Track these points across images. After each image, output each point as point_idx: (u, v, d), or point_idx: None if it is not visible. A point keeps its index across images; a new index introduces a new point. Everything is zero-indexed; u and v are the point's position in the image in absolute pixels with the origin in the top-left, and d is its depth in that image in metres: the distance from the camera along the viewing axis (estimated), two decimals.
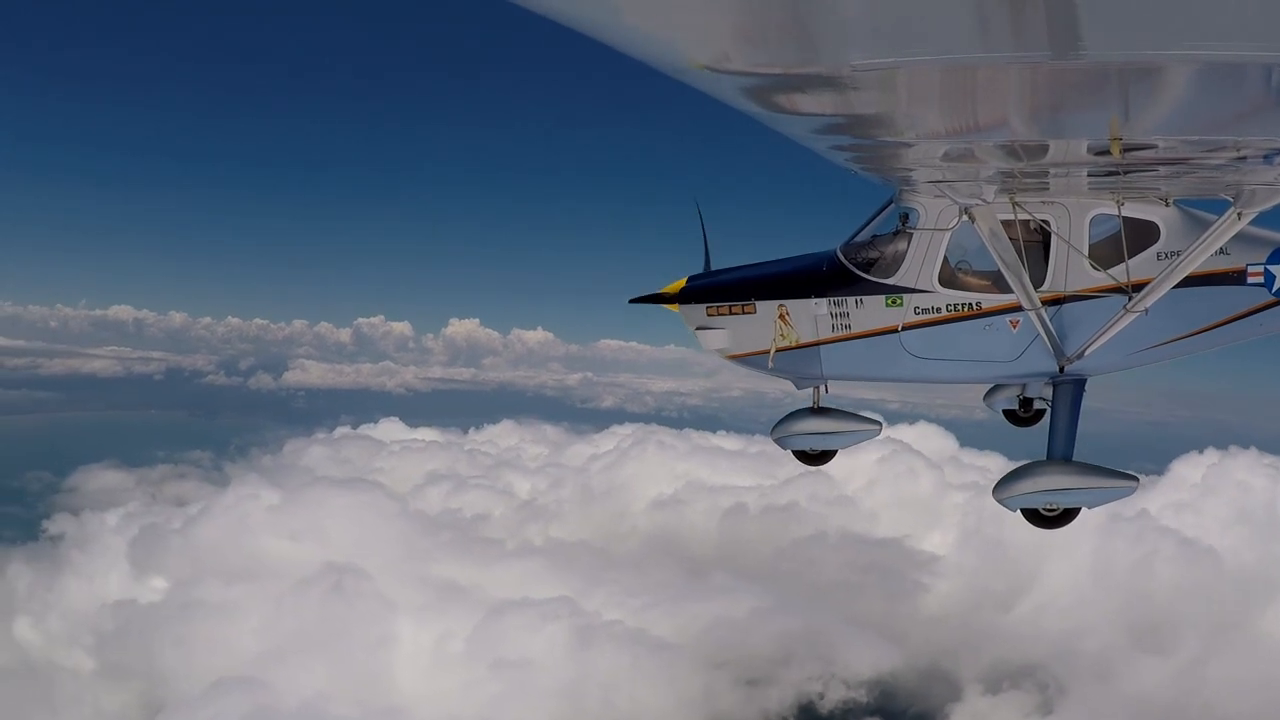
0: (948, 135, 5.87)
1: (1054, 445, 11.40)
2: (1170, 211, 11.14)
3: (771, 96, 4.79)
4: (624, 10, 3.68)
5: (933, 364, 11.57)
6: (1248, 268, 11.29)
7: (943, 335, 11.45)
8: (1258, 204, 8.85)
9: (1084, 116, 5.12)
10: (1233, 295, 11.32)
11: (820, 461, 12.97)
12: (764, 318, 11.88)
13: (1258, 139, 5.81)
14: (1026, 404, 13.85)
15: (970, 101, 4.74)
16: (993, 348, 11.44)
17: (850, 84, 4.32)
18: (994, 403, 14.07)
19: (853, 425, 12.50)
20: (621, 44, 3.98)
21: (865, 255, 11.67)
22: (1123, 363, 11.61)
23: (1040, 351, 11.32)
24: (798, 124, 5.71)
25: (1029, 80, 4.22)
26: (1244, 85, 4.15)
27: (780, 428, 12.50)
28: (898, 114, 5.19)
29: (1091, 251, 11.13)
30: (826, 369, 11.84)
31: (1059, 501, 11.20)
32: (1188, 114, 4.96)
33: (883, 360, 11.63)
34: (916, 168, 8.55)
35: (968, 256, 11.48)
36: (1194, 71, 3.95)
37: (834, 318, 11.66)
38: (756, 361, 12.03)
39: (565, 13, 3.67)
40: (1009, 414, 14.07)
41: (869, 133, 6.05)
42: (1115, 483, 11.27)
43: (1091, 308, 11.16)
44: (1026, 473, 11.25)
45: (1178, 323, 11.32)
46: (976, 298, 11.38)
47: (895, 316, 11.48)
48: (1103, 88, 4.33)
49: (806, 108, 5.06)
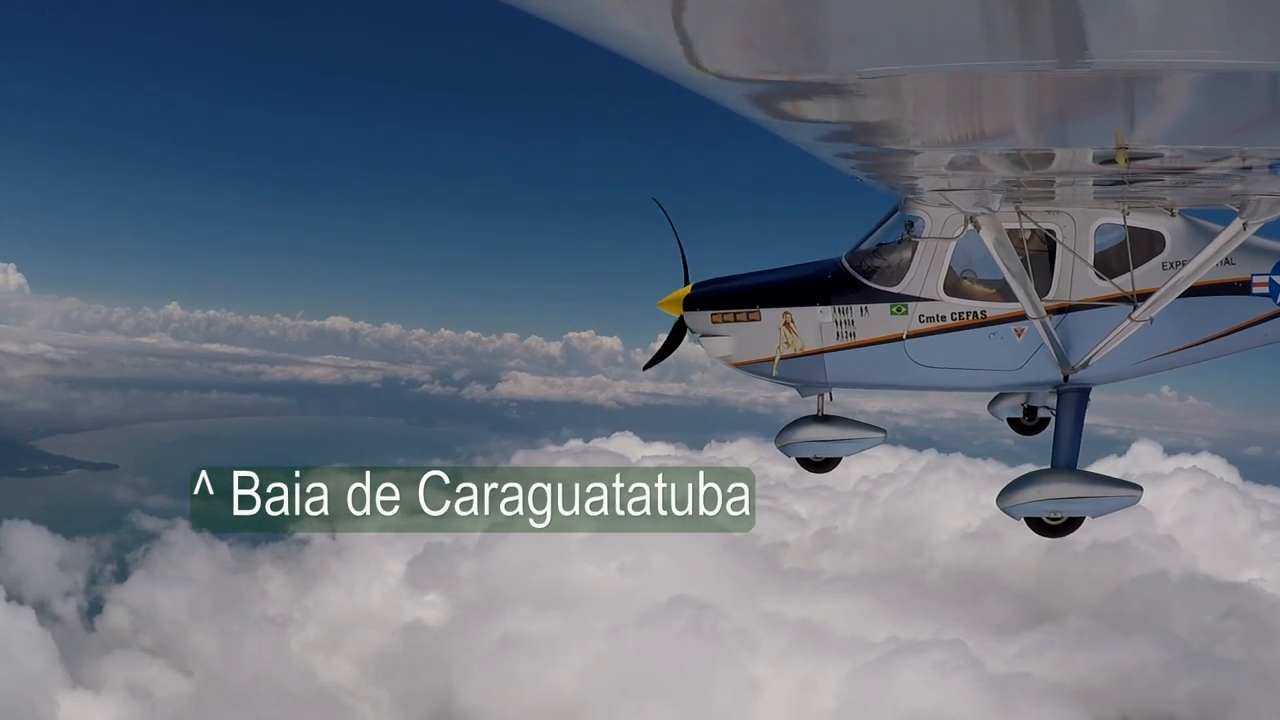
0: (954, 143, 5.87)
1: (1058, 454, 11.40)
2: (1176, 221, 11.14)
3: (777, 103, 4.79)
4: (627, 16, 3.69)
5: (937, 372, 11.58)
6: (1253, 278, 11.28)
7: (948, 343, 11.45)
8: (1263, 214, 8.84)
9: (1090, 125, 5.11)
10: (1237, 305, 11.31)
11: (824, 469, 12.99)
12: (769, 325, 11.90)
13: (1264, 149, 5.81)
14: (1031, 413, 13.87)
15: (976, 110, 4.74)
16: (997, 356, 11.44)
17: (856, 91, 4.32)
18: (998, 411, 14.08)
19: (857, 433, 12.51)
20: (626, 50, 3.98)
21: (870, 263, 11.69)
22: (1127, 372, 11.62)
23: (1045, 360, 11.32)
24: (803, 131, 5.71)
25: (1035, 89, 4.22)
26: (1250, 95, 4.15)
27: (784, 435, 12.52)
28: (904, 122, 5.19)
29: (1097, 261, 11.13)
30: (831, 376, 11.86)
31: (1063, 510, 11.23)
32: (1194, 123, 4.96)
33: (887, 368, 11.65)
34: (922, 176, 8.55)
35: (973, 265, 11.49)
36: (1200, 81, 3.94)
37: (839, 325, 11.67)
38: (761, 369, 12.06)
39: (568, 18, 3.68)
40: (1013, 423, 14.08)
41: (875, 140, 6.05)
42: (1119, 492, 11.31)
43: (1096, 317, 11.16)
44: (1030, 481, 11.27)
45: (1182, 332, 11.31)
46: (981, 306, 11.38)
47: (900, 324, 11.49)
48: (1109, 97, 4.32)
49: (812, 115, 5.06)
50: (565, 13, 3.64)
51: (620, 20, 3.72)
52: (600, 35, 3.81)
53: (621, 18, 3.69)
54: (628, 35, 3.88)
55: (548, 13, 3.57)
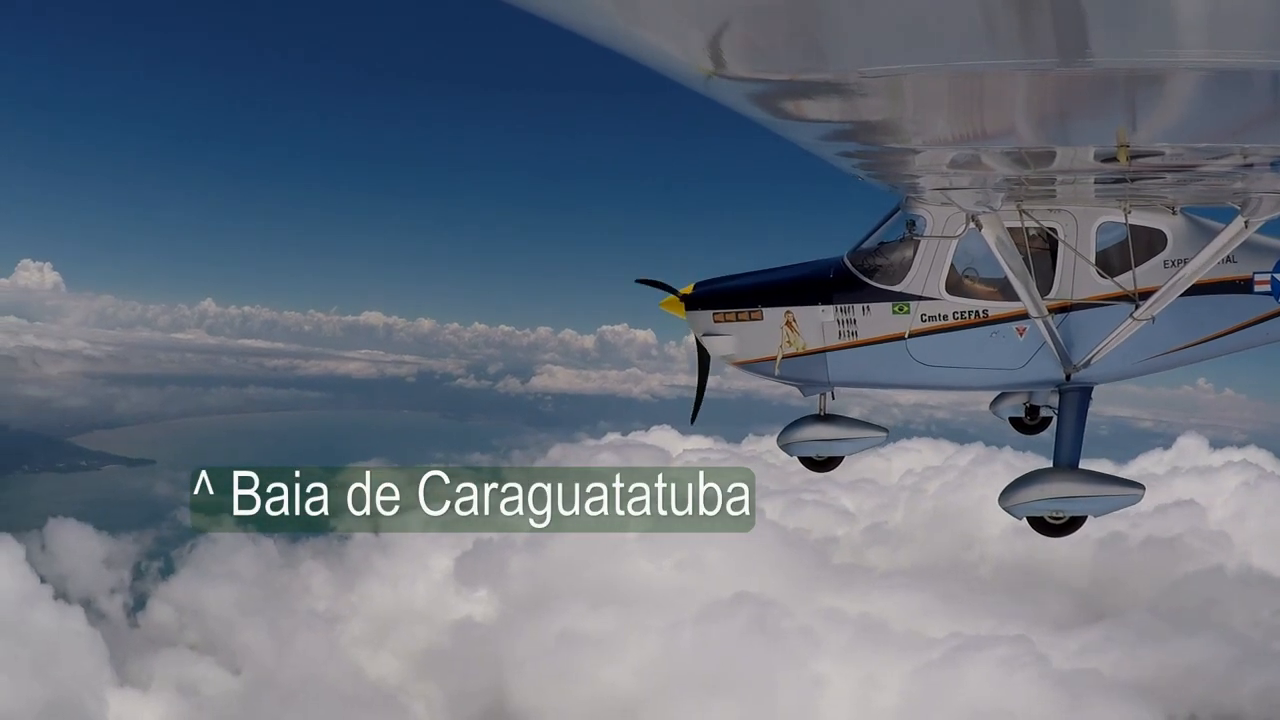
0: (955, 142, 5.88)
1: (1060, 453, 11.40)
2: (1177, 220, 11.13)
3: (778, 103, 4.79)
4: (629, 16, 3.68)
5: (939, 371, 11.58)
6: (1255, 276, 11.27)
7: (949, 342, 11.45)
8: (1265, 212, 8.84)
9: (1091, 124, 5.11)
10: (1239, 303, 11.30)
11: (826, 468, 12.99)
12: (770, 324, 11.91)
13: (1265, 146, 5.81)
14: (1033, 411, 13.87)
15: (978, 108, 4.74)
16: (999, 355, 11.44)
17: (858, 90, 4.32)
18: (1000, 410, 14.08)
19: (858, 432, 12.50)
20: (627, 49, 3.98)
21: (872, 262, 11.69)
22: (1129, 370, 11.61)
23: (1047, 359, 11.31)
24: (805, 130, 5.71)
25: (1036, 87, 4.22)
26: (1252, 92, 4.15)
27: (786, 434, 12.52)
28: (905, 120, 5.19)
29: (1098, 259, 11.12)
30: (833, 375, 11.86)
31: (1065, 509, 11.22)
32: (1196, 121, 4.96)
33: (889, 367, 11.65)
34: (924, 174, 8.55)
35: (975, 264, 11.49)
36: (1202, 78, 3.94)
37: (840, 325, 11.67)
38: (763, 368, 12.07)
39: (569, 17, 3.68)
40: (1015, 421, 14.08)
41: (876, 139, 6.05)
42: (1121, 491, 11.28)
43: (1098, 315, 11.15)
44: (1032, 480, 11.26)
45: (1184, 331, 11.31)
46: (983, 305, 11.38)
47: (902, 324, 11.49)
48: (1110, 95, 4.32)
49: (814, 114, 5.06)
50: (566, 12, 3.64)
51: (621, 20, 3.71)
52: (602, 35, 3.81)
53: (623, 17, 3.69)
54: (629, 35, 3.88)
55: (549, 12, 3.57)
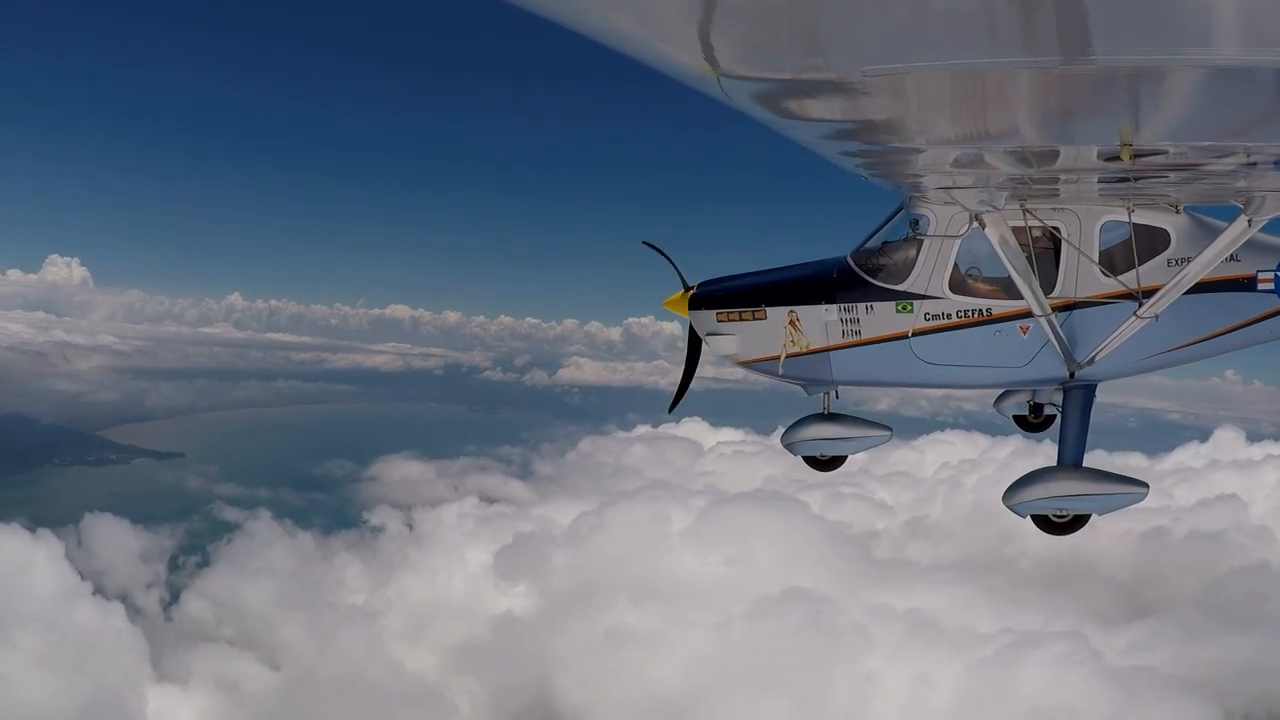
0: (958, 141, 5.88)
1: (1064, 451, 11.38)
2: (1181, 218, 11.13)
3: (782, 102, 4.80)
4: (631, 16, 3.70)
5: (943, 369, 11.57)
6: (1258, 274, 11.26)
7: (953, 341, 11.44)
8: (1268, 210, 8.85)
9: (1094, 122, 5.12)
10: (1243, 301, 11.29)
11: (830, 467, 12.99)
12: (774, 323, 11.90)
13: (1269, 145, 5.81)
14: (1037, 409, 13.86)
15: (981, 107, 4.74)
16: (1003, 353, 11.43)
17: (861, 89, 4.33)
18: (1004, 408, 14.07)
19: (863, 431, 12.51)
20: (631, 50, 3.99)
21: (876, 261, 11.69)
22: (1132, 368, 11.60)
23: (1050, 357, 11.30)
24: (808, 130, 5.72)
25: (1039, 86, 4.23)
26: (1254, 91, 4.15)
27: (790, 433, 12.52)
28: (908, 119, 5.20)
29: (1102, 258, 11.11)
30: (837, 374, 11.85)
31: (1069, 508, 11.19)
32: (1198, 120, 4.96)
33: (893, 366, 11.64)
34: (927, 174, 8.56)
35: (978, 263, 11.48)
36: (1204, 77, 3.95)
37: (844, 324, 11.67)
38: (767, 367, 12.06)
39: (571, 17, 3.69)
40: (1019, 419, 14.07)
41: (879, 138, 6.05)
42: (1125, 489, 11.25)
43: (1102, 314, 11.15)
44: (1036, 479, 11.24)
45: (1188, 329, 11.30)
46: (987, 304, 11.37)
47: (905, 322, 11.49)
48: (1113, 93, 4.33)
49: (817, 113, 5.07)
50: (568, 12, 3.65)
51: (624, 20, 3.73)
52: (604, 35, 3.82)
53: (625, 18, 3.71)
54: (632, 35, 3.89)
55: (552, 12, 3.59)
